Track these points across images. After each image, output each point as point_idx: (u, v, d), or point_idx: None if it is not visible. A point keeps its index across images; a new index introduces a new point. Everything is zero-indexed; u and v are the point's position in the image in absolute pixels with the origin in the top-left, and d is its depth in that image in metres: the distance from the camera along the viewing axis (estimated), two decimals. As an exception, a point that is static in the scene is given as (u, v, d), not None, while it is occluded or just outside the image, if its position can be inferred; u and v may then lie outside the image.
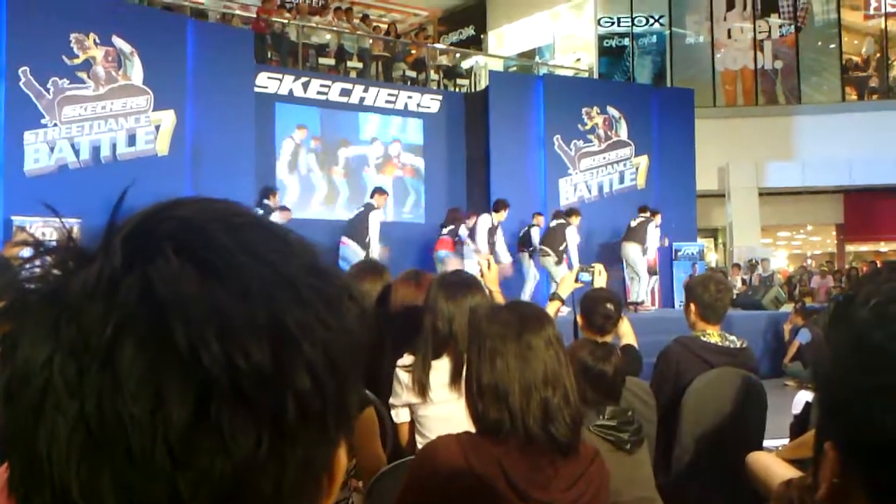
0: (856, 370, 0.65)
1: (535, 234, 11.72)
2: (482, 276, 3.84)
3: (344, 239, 10.25)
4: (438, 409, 2.71)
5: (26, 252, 0.51)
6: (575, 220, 11.55)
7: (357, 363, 0.55)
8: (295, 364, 0.49)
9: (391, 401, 2.81)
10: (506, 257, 10.80)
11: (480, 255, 9.89)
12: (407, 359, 2.78)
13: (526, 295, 11.15)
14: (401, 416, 2.81)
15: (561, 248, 11.25)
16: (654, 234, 12.10)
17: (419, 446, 2.73)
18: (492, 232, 10.92)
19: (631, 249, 12.02)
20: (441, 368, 2.72)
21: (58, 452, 0.46)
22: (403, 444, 2.83)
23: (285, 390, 0.48)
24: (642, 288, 12.21)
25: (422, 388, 2.70)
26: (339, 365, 0.51)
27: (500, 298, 3.71)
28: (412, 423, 2.82)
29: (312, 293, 0.51)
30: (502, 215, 11.10)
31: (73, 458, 0.46)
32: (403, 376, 2.76)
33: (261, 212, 9.02)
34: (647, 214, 12.21)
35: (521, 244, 11.87)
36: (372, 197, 10.78)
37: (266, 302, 0.48)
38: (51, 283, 0.50)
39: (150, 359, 0.45)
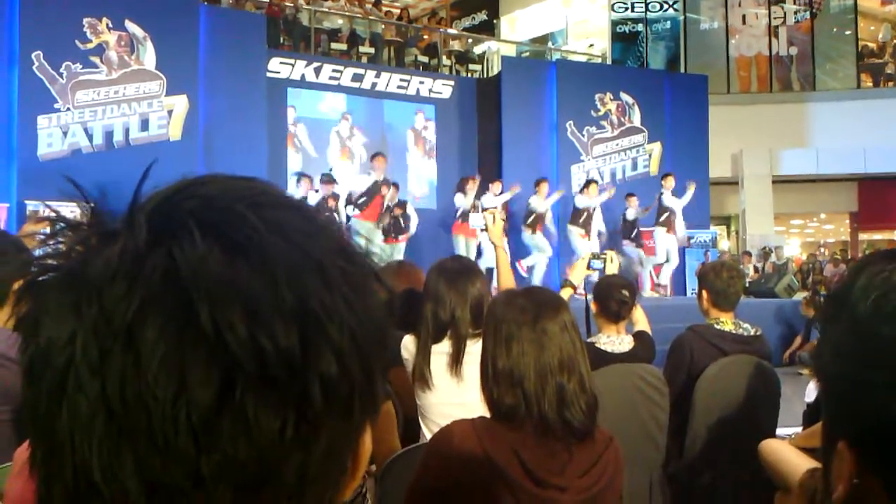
0: (865, 367, 0.64)
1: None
2: (486, 229, 3.87)
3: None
4: (440, 396, 2.70)
5: (47, 228, 0.50)
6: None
7: (383, 347, 0.54)
8: (321, 348, 0.48)
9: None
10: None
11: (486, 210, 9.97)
12: (407, 339, 2.78)
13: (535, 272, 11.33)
14: None
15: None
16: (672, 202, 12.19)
17: (424, 430, 2.74)
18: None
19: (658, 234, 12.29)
20: (441, 353, 2.71)
21: (79, 433, 0.45)
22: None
23: (311, 374, 0.47)
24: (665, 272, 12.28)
25: (423, 379, 2.69)
26: (366, 349, 0.50)
27: (502, 255, 3.73)
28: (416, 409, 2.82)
29: (340, 275, 0.50)
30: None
31: (95, 440, 0.45)
32: (405, 354, 2.77)
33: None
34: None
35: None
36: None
37: (293, 284, 0.47)
38: (73, 261, 0.48)
39: (173, 341, 0.44)
